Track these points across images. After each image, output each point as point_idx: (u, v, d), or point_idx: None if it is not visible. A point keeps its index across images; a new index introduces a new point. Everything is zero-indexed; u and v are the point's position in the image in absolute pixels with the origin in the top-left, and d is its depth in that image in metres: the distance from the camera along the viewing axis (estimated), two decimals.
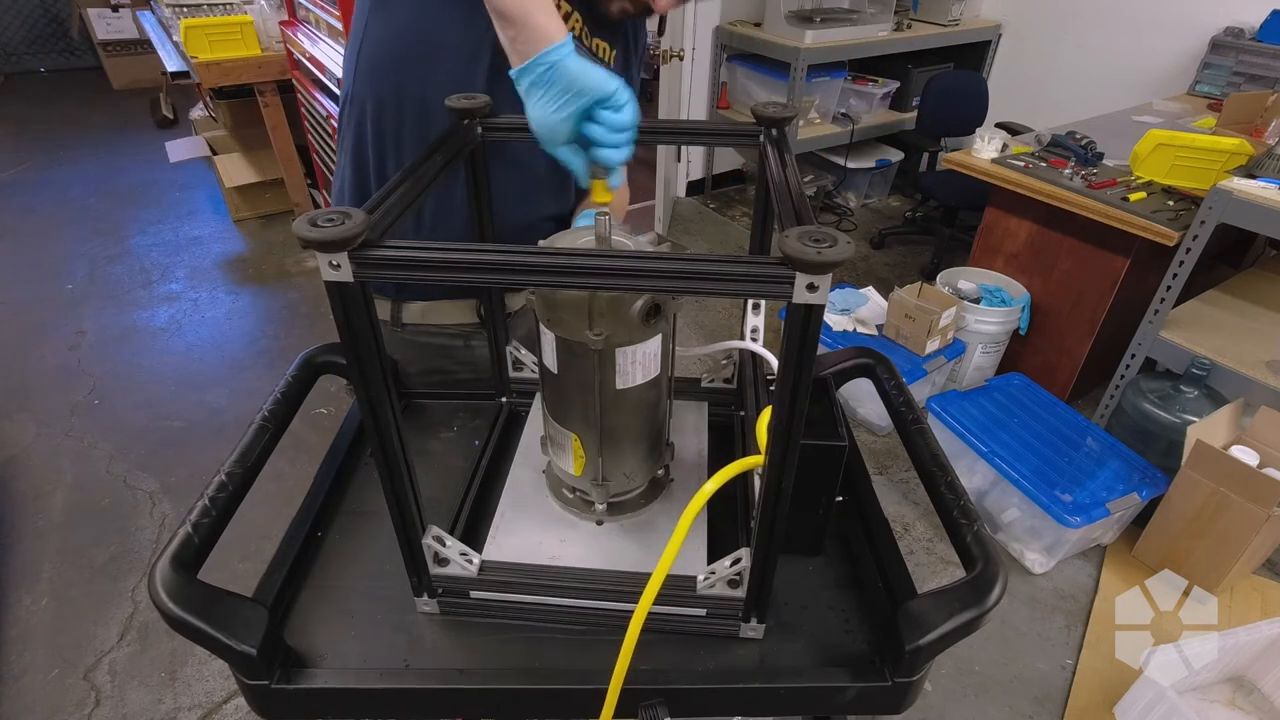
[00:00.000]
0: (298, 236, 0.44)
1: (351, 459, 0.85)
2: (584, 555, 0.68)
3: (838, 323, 2.46)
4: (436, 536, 0.63)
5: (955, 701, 1.62)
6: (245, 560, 1.82)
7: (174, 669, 1.65)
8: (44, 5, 5.81)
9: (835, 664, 0.63)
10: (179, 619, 0.54)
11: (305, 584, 0.70)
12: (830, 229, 0.43)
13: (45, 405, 2.43)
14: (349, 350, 0.50)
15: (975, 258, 2.51)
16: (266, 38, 3.05)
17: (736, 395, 0.89)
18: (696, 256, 0.45)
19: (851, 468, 0.83)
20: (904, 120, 3.67)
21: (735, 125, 0.76)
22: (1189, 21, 2.91)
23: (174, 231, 3.58)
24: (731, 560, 0.61)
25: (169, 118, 4.91)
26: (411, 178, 0.57)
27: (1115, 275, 2.13)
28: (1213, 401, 1.88)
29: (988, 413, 2.06)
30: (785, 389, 0.48)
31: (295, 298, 3.07)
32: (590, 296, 0.57)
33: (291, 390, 0.76)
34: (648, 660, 0.61)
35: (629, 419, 0.66)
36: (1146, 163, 2.13)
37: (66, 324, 2.86)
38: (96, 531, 1.98)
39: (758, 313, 0.76)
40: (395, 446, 0.55)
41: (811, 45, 3.18)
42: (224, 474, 0.65)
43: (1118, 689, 1.58)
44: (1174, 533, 1.83)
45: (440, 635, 0.65)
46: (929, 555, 1.98)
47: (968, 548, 0.61)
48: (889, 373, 0.83)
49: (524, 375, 0.90)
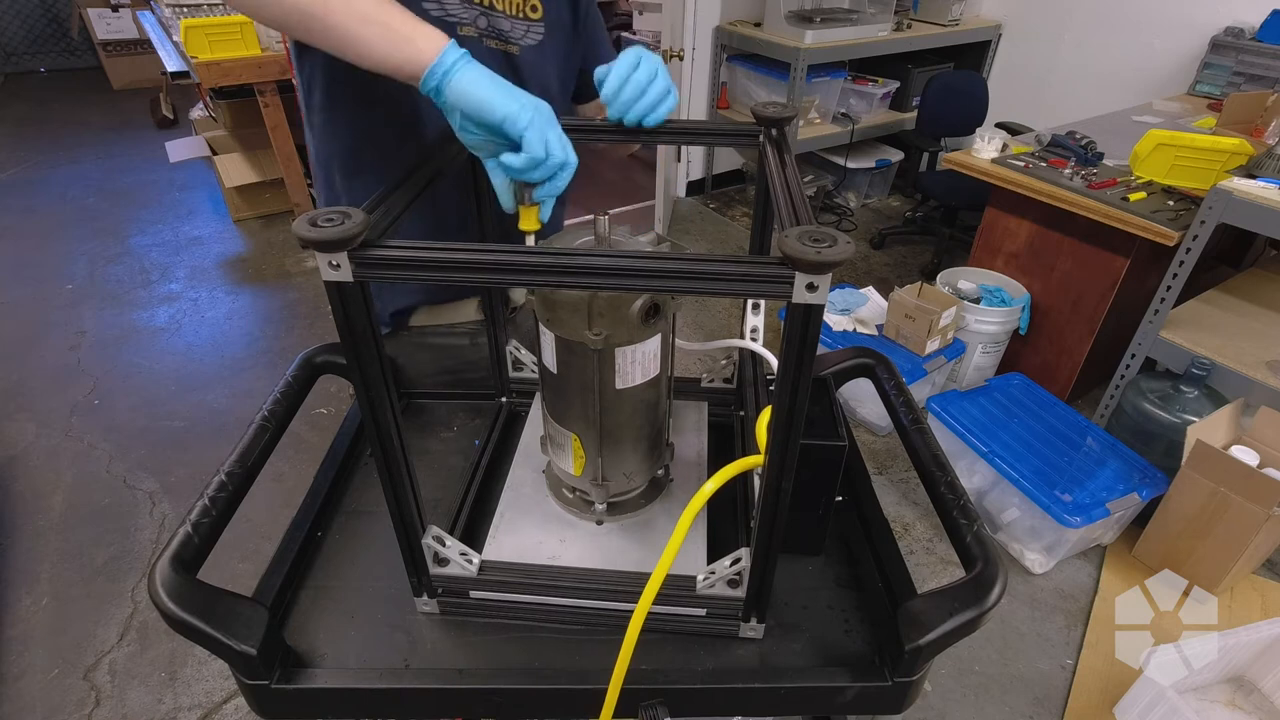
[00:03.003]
0: (297, 236, 0.44)
1: (351, 459, 0.85)
2: (584, 555, 0.68)
3: (838, 323, 2.46)
4: (436, 536, 0.63)
5: (955, 701, 1.62)
6: (245, 560, 1.82)
7: (174, 669, 1.65)
8: (44, 5, 5.81)
9: (835, 664, 0.63)
10: (179, 619, 0.54)
11: (305, 584, 0.70)
12: (830, 229, 0.43)
13: (45, 405, 2.43)
14: (349, 350, 0.50)
15: (975, 258, 2.51)
16: (266, 38, 3.05)
17: (736, 395, 0.89)
18: (696, 256, 0.45)
19: (851, 468, 0.83)
20: (904, 120, 3.67)
21: (735, 125, 0.76)
22: (1189, 21, 2.91)
23: (174, 231, 3.58)
24: (731, 560, 0.61)
25: (169, 118, 4.91)
26: (411, 178, 0.57)
27: (1115, 275, 2.13)
28: (1213, 401, 1.88)
29: (988, 413, 2.06)
30: (785, 389, 0.48)
31: (295, 298, 3.07)
32: (590, 296, 0.57)
33: (291, 390, 0.76)
34: (647, 660, 0.61)
35: (629, 419, 0.66)
36: (1146, 163, 2.13)
37: (66, 324, 2.86)
38: (96, 531, 1.98)
39: (757, 313, 0.76)
40: (395, 446, 0.55)
41: (811, 45, 3.18)
42: (224, 474, 0.65)
43: (1118, 689, 1.58)
44: (1174, 533, 1.83)
45: (440, 635, 0.65)
46: (929, 555, 1.98)
47: (968, 548, 0.61)
48: (889, 373, 0.83)
49: (524, 375, 0.90)
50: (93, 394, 2.50)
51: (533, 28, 0.89)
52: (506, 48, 0.88)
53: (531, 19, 0.89)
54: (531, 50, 0.90)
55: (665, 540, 0.56)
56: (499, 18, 0.86)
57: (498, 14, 0.86)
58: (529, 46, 0.90)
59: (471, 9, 0.84)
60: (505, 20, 0.87)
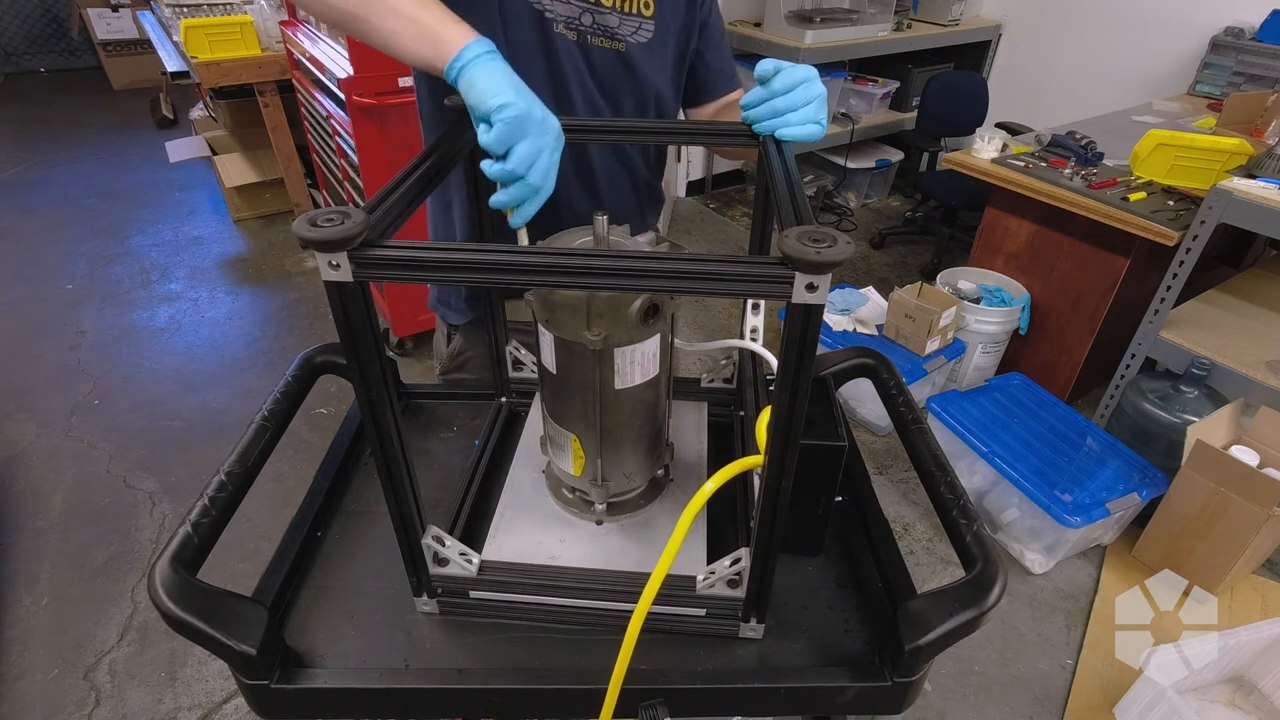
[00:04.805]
0: (297, 236, 0.44)
1: (351, 459, 0.85)
2: (584, 555, 0.68)
3: (838, 323, 2.46)
4: (436, 536, 0.63)
5: (955, 701, 1.62)
6: (245, 560, 1.82)
7: (174, 669, 1.65)
8: (44, 5, 5.81)
9: (835, 664, 0.63)
10: (179, 619, 0.54)
11: (305, 584, 0.70)
12: (830, 229, 0.43)
13: (45, 405, 2.43)
14: (349, 350, 0.50)
15: (975, 258, 2.51)
16: (266, 38, 3.05)
17: (736, 395, 0.89)
18: (696, 256, 0.45)
19: (851, 468, 0.83)
20: (904, 120, 3.67)
21: (736, 125, 0.75)
22: (1189, 21, 2.91)
23: (174, 231, 3.58)
24: (731, 560, 0.61)
25: (169, 118, 4.91)
26: (412, 177, 0.57)
27: (1115, 275, 2.13)
28: (1213, 401, 1.88)
29: (988, 413, 2.06)
30: (785, 389, 0.48)
31: (295, 298, 3.07)
32: (589, 296, 0.57)
33: (291, 390, 0.76)
34: (647, 660, 0.61)
35: (628, 419, 0.66)
36: (1146, 163, 2.13)
37: (66, 324, 2.86)
38: (96, 531, 1.98)
39: (757, 313, 0.76)
40: (395, 446, 0.55)
41: (811, 45, 3.18)
42: (224, 474, 0.65)
43: (1118, 689, 1.58)
44: (1174, 533, 1.83)
45: (440, 635, 0.65)
46: (929, 555, 1.98)
47: (967, 548, 0.61)
48: (889, 373, 0.83)
49: (524, 375, 0.90)
50: (93, 394, 2.50)
51: (644, 25, 0.89)
52: (614, 45, 0.88)
53: (644, 15, 0.88)
54: (641, 48, 0.90)
55: (665, 540, 0.56)
56: (607, 14, 0.86)
57: (605, 10, 0.86)
58: (639, 44, 0.89)
59: (574, 4, 0.84)
60: (614, 16, 0.86)
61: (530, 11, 0.83)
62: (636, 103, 0.94)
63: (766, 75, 0.70)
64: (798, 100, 0.69)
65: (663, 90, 0.94)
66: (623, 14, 0.87)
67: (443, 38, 0.63)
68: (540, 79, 0.87)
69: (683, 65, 0.97)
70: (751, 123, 0.72)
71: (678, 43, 0.94)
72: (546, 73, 0.87)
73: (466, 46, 0.62)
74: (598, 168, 0.97)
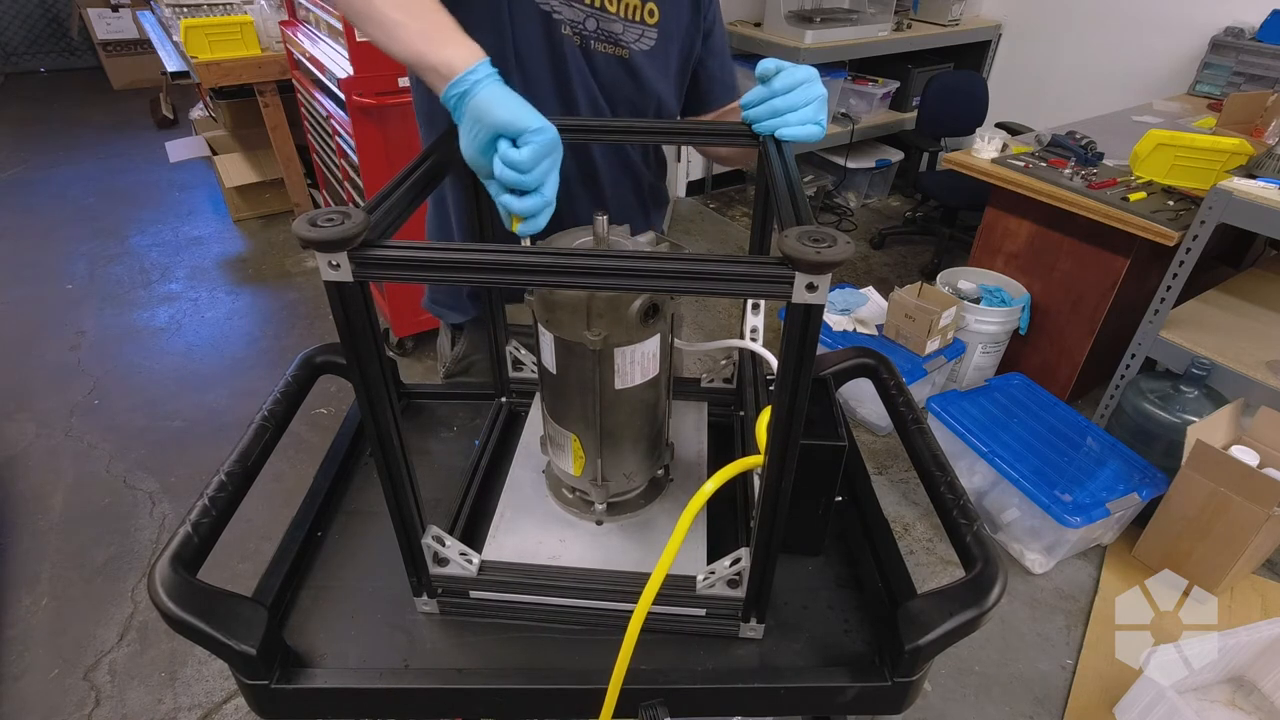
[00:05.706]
0: (297, 236, 0.44)
1: (351, 459, 0.85)
2: (584, 555, 0.68)
3: (838, 323, 2.46)
4: (436, 536, 0.63)
5: (955, 701, 1.62)
6: (245, 560, 1.82)
7: (174, 669, 1.65)
8: (44, 5, 5.81)
9: (835, 664, 0.63)
10: (179, 619, 0.54)
11: (305, 584, 0.70)
12: (830, 229, 0.43)
13: (45, 405, 2.43)
14: (349, 350, 0.50)
15: (975, 258, 2.51)
16: (266, 38, 3.04)
17: (736, 395, 0.89)
18: (696, 256, 0.45)
19: (851, 468, 0.83)
20: (904, 120, 3.67)
21: (735, 125, 0.75)
22: (1189, 21, 2.91)
23: (174, 231, 3.58)
24: (731, 560, 0.61)
25: (169, 118, 4.91)
26: (412, 178, 0.57)
27: (1115, 275, 2.13)
28: (1213, 401, 1.88)
29: (988, 413, 2.06)
30: (785, 389, 0.48)
31: (295, 298, 3.07)
32: (589, 296, 0.57)
33: (291, 390, 0.76)
34: (647, 660, 0.61)
35: (628, 419, 0.66)
36: (1146, 163, 2.13)
37: (66, 324, 2.86)
38: (96, 531, 1.98)
39: (757, 313, 0.76)
40: (395, 446, 0.55)
41: (811, 45, 3.18)
42: (224, 474, 0.65)
43: (1118, 689, 1.58)
44: (1174, 533, 1.83)
45: (440, 635, 0.65)
46: (929, 555, 1.98)
47: (967, 548, 0.61)
48: (889, 373, 0.83)
49: (524, 375, 0.90)
50: (93, 394, 2.50)
51: (647, 32, 0.89)
52: (618, 51, 0.88)
53: (648, 23, 0.88)
54: (644, 55, 0.90)
55: (665, 540, 0.56)
56: (611, 20, 0.86)
57: (610, 16, 0.85)
58: (642, 51, 0.89)
59: (579, 9, 0.84)
60: (619, 23, 0.86)
61: (538, 13, 0.84)
62: (638, 108, 0.94)
63: (767, 74, 0.70)
64: (798, 100, 0.69)
65: (665, 97, 0.95)
66: (627, 21, 0.87)
67: (448, 50, 0.62)
68: (546, 80, 0.87)
69: (685, 73, 0.97)
70: (751, 122, 0.72)
71: (681, 50, 0.94)
72: (552, 74, 0.87)
73: (477, 67, 0.61)
74: (602, 172, 0.97)
